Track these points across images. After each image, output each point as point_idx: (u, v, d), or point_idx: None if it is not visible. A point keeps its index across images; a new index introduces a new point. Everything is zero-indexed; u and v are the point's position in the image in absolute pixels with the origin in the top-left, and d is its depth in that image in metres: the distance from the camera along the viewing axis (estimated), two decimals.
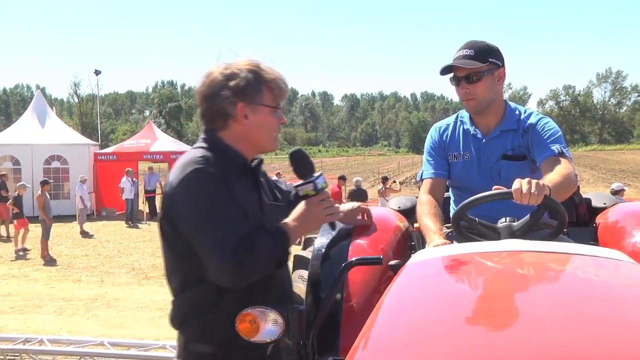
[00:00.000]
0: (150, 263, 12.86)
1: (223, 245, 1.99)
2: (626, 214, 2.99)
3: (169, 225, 2.11)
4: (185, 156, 2.13)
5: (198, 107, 2.23)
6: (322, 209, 2.21)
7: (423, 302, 1.74)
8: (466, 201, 2.39)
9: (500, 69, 2.83)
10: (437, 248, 2.35)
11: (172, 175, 2.09)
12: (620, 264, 1.95)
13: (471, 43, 2.82)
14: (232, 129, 2.17)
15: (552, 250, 1.98)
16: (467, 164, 2.94)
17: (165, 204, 2.11)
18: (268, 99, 2.18)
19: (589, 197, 3.54)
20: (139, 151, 21.58)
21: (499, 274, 1.86)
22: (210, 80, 2.16)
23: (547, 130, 2.78)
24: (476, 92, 2.79)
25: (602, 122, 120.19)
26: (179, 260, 2.15)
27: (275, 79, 2.19)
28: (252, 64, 2.17)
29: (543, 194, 2.20)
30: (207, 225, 2.01)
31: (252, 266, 2.03)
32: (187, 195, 2.03)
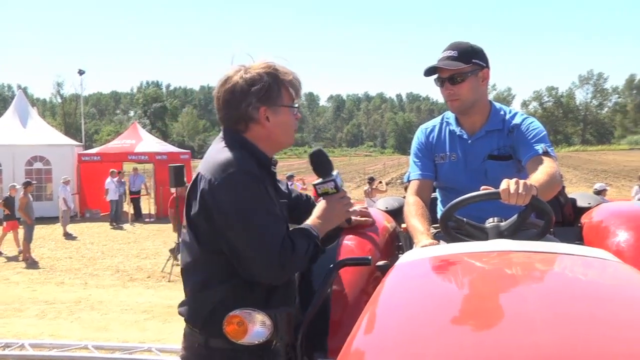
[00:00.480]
0: (135, 265, 12.78)
1: (271, 245, 2.06)
2: (610, 214, 3.01)
3: (206, 222, 2.13)
4: (220, 155, 2.16)
5: (217, 111, 2.28)
6: (342, 205, 2.33)
7: (412, 302, 1.73)
8: (454, 201, 2.39)
9: (484, 70, 2.84)
10: (426, 248, 2.34)
11: (210, 173, 2.11)
12: (607, 263, 1.97)
13: (455, 44, 2.84)
14: (253, 131, 2.23)
15: (540, 250, 1.99)
16: (454, 164, 2.95)
17: (204, 199, 2.12)
18: (286, 99, 2.26)
19: (574, 197, 3.56)
20: (124, 152, 21.45)
21: (488, 274, 1.86)
22: (232, 85, 2.20)
23: (532, 130, 2.79)
24: (460, 92, 2.80)
25: (584, 123, 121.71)
26: (210, 256, 2.18)
27: (292, 79, 2.27)
28: (268, 66, 2.23)
29: (530, 194, 2.21)
30: (254, 225, 2.06)
31: (294, 264, 2.13)
32: (232, 195, 2.07)
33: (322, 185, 2.30)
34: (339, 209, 2.32)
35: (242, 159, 2.12)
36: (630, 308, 1.52)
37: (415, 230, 2.72)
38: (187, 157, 22.59)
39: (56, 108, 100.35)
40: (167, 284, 10.81)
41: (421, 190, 2.96)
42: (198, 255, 2.20)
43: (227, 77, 2.23)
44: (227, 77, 2.23)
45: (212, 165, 2.14)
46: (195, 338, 2.21)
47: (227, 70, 2.26)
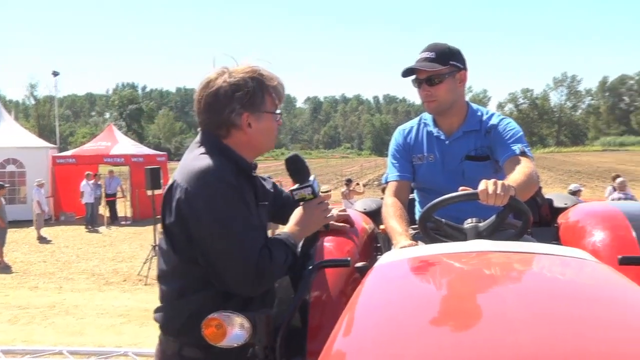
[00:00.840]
0: (111, 268, 12.64)
1: (247, 253, 2.03)
2: (586, 214, 3.04)
3: (182, 230, 2.08)
4: (197, 162, 2.10)
5: (198, 114, 2.22)
6: (320, 211, 2.31)
7: (392, 303, 1.72)
8: (433, 202, 2.39)
9: (462, 71, 2.85)
10: (404, 249, 2.34)
11: (186, 181, 2.06)
12: (585, 262, 1.98)
13: (433, 45, 2.84)
14: (234, 137, 2.19)
15: (519, 250, 2.00)
16: (432, 165, 2.95)
17: (180, 208, 2.06)
18: (269, 106, 2.22)
19: (550, 198, 3.59)
20: (99, 154, 21.23)
21: (468, 274, 1.86)
22: (215, 89, 2.14)
23: (509, 130, 2.81)
24: (437, 94, 2.81)
25: (559, 124, 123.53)
26: (186, 265, 2.13)
27: (276, 85, 2.23)
28: (253, 70, 2.18)
29: (508, 195, 2.22)
30: (230, 233, 2.02)
31: (271, 274, 2.12)
32: (209, 205, 2.02)
33: (299, 191, 2.27)
34: (317, 214, 2.30)
35: (219, 167, 2.07)
36: (609, 307, 1.53)
37: (394, 232, 2.72)
38: (163, 159, 22.45)
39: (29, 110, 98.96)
40: (143, 287, 10.71)
41: (399, 191, 2.96)
42: (174, 263, 2.16)
43: (210, 80, 2.17)
44: (210, 80, 2.17)
45: (189, 173, 2.08)
46: (168, 345, 2.18)
47: (209, 73, 2.20)
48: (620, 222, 2.75)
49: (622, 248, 2.54)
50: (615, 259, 2.19)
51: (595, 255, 2.25)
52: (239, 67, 2.19)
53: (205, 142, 2.20)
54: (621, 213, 2.83)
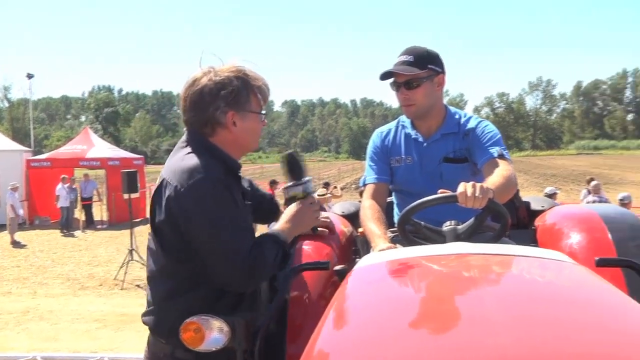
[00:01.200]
0: (86, 272, 12.48)
1: (238, 252, 2.04)
2: (562, 216, 3.07)
3: (172, 229, 2.08)
4: (187, 161, 2.10)
5: (183, 112, 2.23)
6: (312, 212, 2.31)
7: (372, 306, 1.72)
8: (412, 205, 2.39)
9: (440, 75, 2.86)
10: (384, 252, 2.34)
11: (176, 180, 2.06)
12: (563, 264, 2.00)
13: (411, 49, 2.85)
14: (220, 135, 2.19)
15: (498, 252, 2.01)
16: (410, 167, 2.96)
17: (170, 207, 2.06)
18: (255, 105, 2.24)
19: (528, 201, 3.62)
20: (75, 157, 20.99)
21: (447, 276, 1.86)
22: (201, 88, 2.16)
23: (487, 133, 2.82)
24: (415, 98, 2.82)
25: (534, 128, 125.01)
26: (175, 265, 2.13)
27: (261, 85, 2.25)
28: (238, 70, 2.20)
29: (487, 197, 2.23)
30: (221, 232, 2.03)
31: (262, 271, 2.11)
32: (199, 203, 2.02)
33: (292, 188, 2.27)
34: (309, 214, 2.30)
35: (209, 166, 2.08)
36: (588, 309, 1.54)
37: (373, 234, 2.72)
38: (140, 162, 22.26)
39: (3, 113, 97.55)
40: (119, 292, 10.59)
41: (377, 194, 2.96)
42: (164, 263, 2.15)
43: (195, 79, 2.18)
44: (195, 79, 2.18)
45: (179, 172, 2.08)
46: (159, 348, 2.16)
47: (194, 72, 2.21)
48: (596, 224, 2.78)
49: (599, 250, 2.57)
50: (592, 260, 2.20)
51: (572, 257, 2.27)
52: (224, 66, 2.21)
53: (192, 141, 2.20)
54: (597, 215, 2.86)
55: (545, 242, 2.95)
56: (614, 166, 49.55)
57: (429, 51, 2.86)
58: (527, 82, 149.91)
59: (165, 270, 2.16)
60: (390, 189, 3.10)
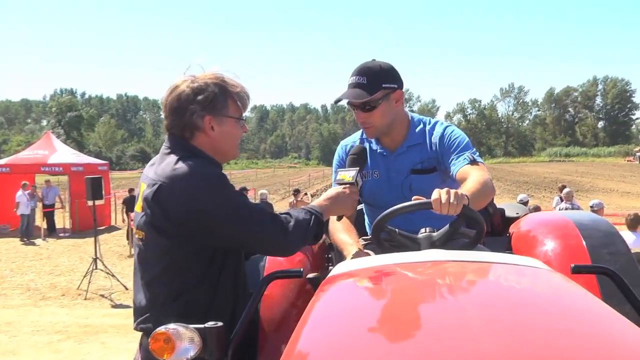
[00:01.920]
0: (48, 282, 12.26)
1: (266, 220, 2.16)
2: (537, 223, 3.11)
3: (175, 231, 2.13)
4: (181, 163, 2.17)
5: (165, 118, 2.33)
6: (352, 197, 2.46)
7: (348, 314, 1.72)
8: (386, 212, 2.40)
9: (397, 91, 2.83)
10: (358, 260, 2.34)
11: (179, 183, 2.12)
12: (539, 271, 2.02)
13: (364, 69, 2.79)
14: (198, 140, 2.29)
15: (473, 259, 2.03)
16: (377, 182, 2.96)
17: (177, 212, 2.12)
18: (232, 111, 2.34)
19: (502, 208, 3.67)
20: (36, 163, 20.62)
21: (423, 284, 1.87)
22: (179, 93, 2.27)
23: (454, 139, 2.83)
24: (373, 120, 2.82)
25: (506, 135, 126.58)
26: (176, 266, 2.18)
27: (240, 92, 2.35)
28: (216, 77, 2.31)
29: (462, 204, 2.25)
30: (244, 210, 2.14)
31: (296, 232, 2.22)
32: (213, 194, 2.11)
33: (345, 171, 2.47)
34: (349, 198, 2.44)
35: (204, 164, 2.19)
36: (566, 315, 1.56)
37: (344, 243, 2.72)
38: (105, 168, 22.00)
39: None
40: (83, 302, 10.43)
41: None
42: (164, 266, 2.20)
43: (175, 86, 2.31)
44: (175, 86, 2.31)
45: (179, 176, 2.14)
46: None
47: (175, 80, 2.33)
48: (571, 231, 2.83)
49: (574, 257, 2.61)
50: (567, 267, 2.24)
51: (547, 264, 2.30)
52: (204, 73, 2.33)
53: (176, 146, 2.29)
54: (572, 223, 2.91)
55: (520, 249, 2.99)
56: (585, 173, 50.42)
57: (382, 68, 2.80)
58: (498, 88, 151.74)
59: (168, 272, 2.20)
60: (360, 201, 3.11)
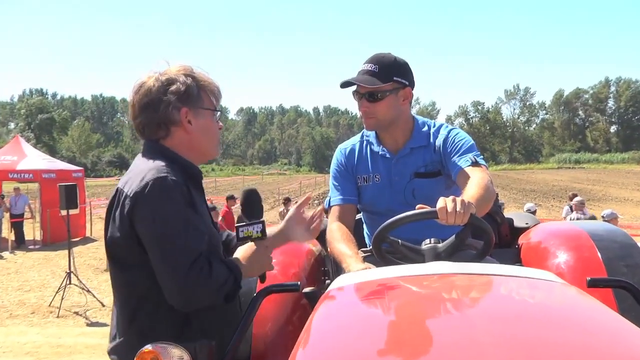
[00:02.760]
0: (16, 299, 12.17)
1: (180, 261, 2.02)
2: (549, 234, 3.12)
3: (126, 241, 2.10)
4: (141, 165, 2.16)
5: (133, 119, 2.29)
6: (267, 256, 2.29)
7: (350, 332, 1.72)
8: (388, 222, 2.41)
9: (406, 88, 2.88)
10: (358, 273, 2.35)
11: (128, 185, 2.11)
12: (553, 284, 2.03)
13: (378, 57, 2.86)
14: (176, 137, 2.25)
15: (482, 272, 2.04)
16: (378, 186, 2.98)
17: (122, 217, 2.09)
18: (207, 103, 2.30)
19: (510, 217, 3.68)
20: (4, 169, 20.50)
21: (429, 298, 1.88)
22: (147, 89, 2.22)
23: (458, 141, 2.87)
24: (376, 111, 2.85)
25: (512, 140, 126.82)
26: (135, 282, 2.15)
27: (210, 84, 2.32)
28: (185, 68, 2.28)
29: (469, 213, 2.25)
30: (167, 236, 2.03)
31: (205, 291, 2.06)
32: (151, 202, 2.05)
33: (247, 227, 2.26)
34: (264, 258, 2.29)
35: (164, 166, 2.12)
36: (584, 331, 1.57)
37: (343, 255, 2.72)
38: (79, 175, 21.90)
39: None
40: (55, 320, 10.36)
41: (344, 216, 2.97)
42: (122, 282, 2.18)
43: (141, 83, 2.25)
44: (141, 83, 2.25)
45: (132, 177, 2.13)
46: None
47: (140, 77, 2.28)
48: (585, 242, 2.84)
49: (589, 269, 2.62)
50: (582, 280, 2.25)
51: (560, 277, 2.31)
52: (170, 68, 2.29)
53: (147, 147, 2.26)
54: (585, 233, 2.92)
55: (530, 262, 3.00)
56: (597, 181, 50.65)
57: (396, 60, 2.87)
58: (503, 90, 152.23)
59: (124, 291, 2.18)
60: (358, 209, 3.12)
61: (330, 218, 3.01)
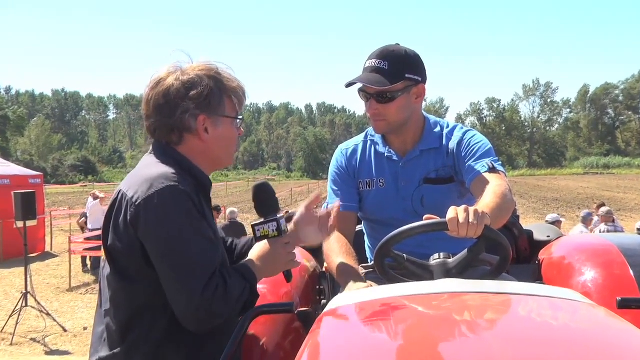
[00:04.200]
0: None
1: (196, 277, 2.09)
2: (574, 249, 3.13)
3: (129, 250, 2.14)
4: (149, 169, 2.20)
5: (146, 118, 2.32)
6: (286, 253, 2.37)
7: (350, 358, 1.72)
8: (392, 234, 2.41)
9: (419, 85, 2.89)
10: (359, 291, 2.35)
11: (134, 190, 2.14)
12: (578, 305, 2.04)
13: (387, 52, 2.85)
14: (188, 144, 2.31)
15: (499, 290, 2.04)
16: (383, 192, 3.00)
17: (126, 222, 2.13)
18: (229, 109, 2.34)
19: (530, 229, 3.69)
20: None
21: (439, 320, 1.88)
22: (165, 88, 2.26)
23: (474, 144, 2.88)
24: (387, 113, 2.86)
25: (531, 142, 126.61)
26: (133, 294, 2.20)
27: (236, 87, 2.35)
28: (210, 69, 2.31)
29: (483, 224, 2.26)
30: (182, 246, 2.09)
31: (222, 307, 2.14)
32: (160, 214, 2.10)
33: (263, 226, 2.34)
34: (283, 256, 2.36)
35: (175, 176, 2.16)
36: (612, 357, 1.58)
37: (342, 271, 2.74)
38: (38, 181, 21.81)
39: None
40: (8, 349, 10.31)
41: (343, 225, 2.97)
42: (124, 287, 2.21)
43: (160, 79, 2.29)
44: (160, 79, 2.29)
45: (139, 181, 2.16)
46: None
47: (158, 71, 2.32)
48: (615, 257, 2.85)
49: (619, 289, 2.63)
50: (612, 301, 2.25)
51: (587, 296, 2.31)
52: (193, 64, 2.32)
53: (157, 150, 2.31)
54: (615, 247, 2.93)
55: (552, 279, 3.01)
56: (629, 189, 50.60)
57: (407, 53, 2.87)
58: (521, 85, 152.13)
59: (121, 297, 2.22)
60: (360, 218, 3.13)
61: None
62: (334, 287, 3.01)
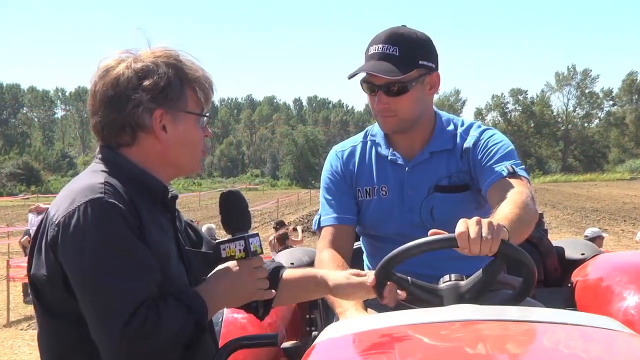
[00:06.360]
0: None
1: (117, 308, 2.03)
2: (613, 269, 3.15)
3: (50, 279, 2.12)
4: (77, 182, 2.19)
5: (92, 114, 2.29)
6: (253, 279, 2.29)
7: None
8: (393, 252, 2.42)
9: (433, 73, 2.92)
10: (355, 320, 2.37)
11: (55, 207, 2.13)
12: (617, 335, 2.06)
13: (395, 35, 2.87)
14: (144, 146, 2.28)
15: (521, 318, 2.06)
16: (385, 202, 3.02)
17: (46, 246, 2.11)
18: (192, 104, 2.31)
19: (561, 246, 3.69)
20: None
21: (451, 353, 1.90)
22: (114, 77, 2.22)
23: (493, 145, 2.91)
24: (398, 107, 2.87)
25: (566, 141, 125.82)
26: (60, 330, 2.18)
27: (200, 77, 2.31)
28: (169, 55, 2.28)
29: (499, 239, 2.27)
30: (99, 278, 2.05)
31: (152, 345, 2.07)
32: (77, 236, 2.06)
33: (229, 244, 2.31)
34: (249, 283, 2.31)
35: (105, 186, 2.13)
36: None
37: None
38: None
39: None
40: None
41: (338, 240, 3.00)
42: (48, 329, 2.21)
43: (108, 67, 2.25)
44: (108, 67, 2.25)
45: (63, 195, 2.15)
46: None
47: (106, 58, 2.28)
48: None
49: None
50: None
51: (628, 325, 2.32)
52: (149, 50, 2.29)
53: (100, 156, 2.28)
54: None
55: (587, 305, 3.02)
56: None
57: (418, 37, 2.90)
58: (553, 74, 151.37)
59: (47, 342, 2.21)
60: (358, 232, 3.15)
61: (320, 242, 3.05)
62: (327, 316, 3.01)
